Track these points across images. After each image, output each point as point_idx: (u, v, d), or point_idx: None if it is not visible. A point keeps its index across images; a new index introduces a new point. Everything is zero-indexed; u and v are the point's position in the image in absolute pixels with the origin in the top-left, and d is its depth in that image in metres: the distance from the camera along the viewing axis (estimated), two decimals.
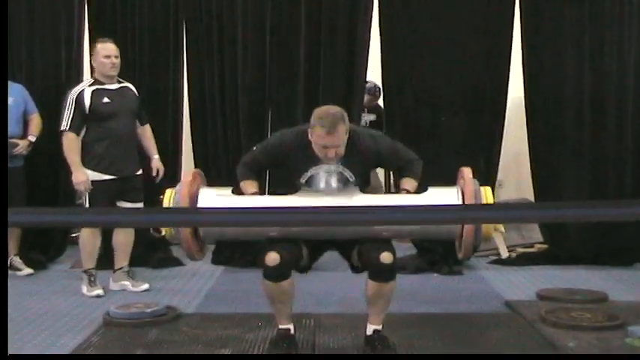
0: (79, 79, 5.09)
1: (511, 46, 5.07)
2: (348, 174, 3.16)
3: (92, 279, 4.35)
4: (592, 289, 4.29)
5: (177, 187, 3.15)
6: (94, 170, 4.22)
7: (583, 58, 5.04)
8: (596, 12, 5.04)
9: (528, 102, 5.13)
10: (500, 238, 5.06)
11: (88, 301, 4.23)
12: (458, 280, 4.78)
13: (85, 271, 4.37)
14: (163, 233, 3.46)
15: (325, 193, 3.13)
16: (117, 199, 4.30)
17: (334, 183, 3.15)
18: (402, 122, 5.10)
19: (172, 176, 4.68)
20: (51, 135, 4.94)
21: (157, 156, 4.51)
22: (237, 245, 5.15)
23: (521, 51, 5.07)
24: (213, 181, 3.65)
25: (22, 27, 5.05)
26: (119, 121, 4.28)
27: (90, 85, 4.27)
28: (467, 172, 3.17)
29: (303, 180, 3.16)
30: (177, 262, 5.16)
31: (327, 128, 3.05)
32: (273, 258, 3.07)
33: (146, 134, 4.50)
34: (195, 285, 4.66)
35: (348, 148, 3.15)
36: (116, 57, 4.31)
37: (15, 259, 4.81)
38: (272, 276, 3.10)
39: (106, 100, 4.25)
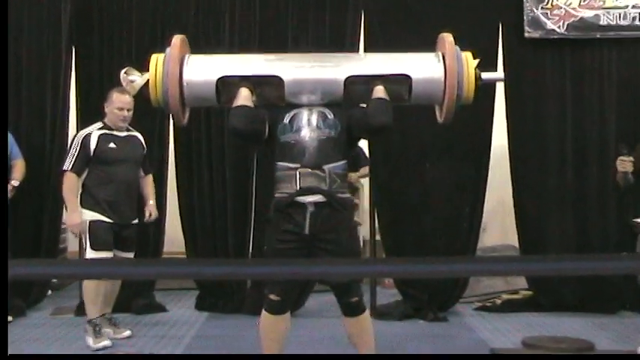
0: (64, 127, 5.12)
1: (494, 92, 5.14)
2: (327, 112, 3.32)
3: (97, 329, 4.19)
4: (578, 338, 4.28)
5: (167, 50, 3.27)
6: (92, 210, 4.18)
7: (565, 108, 5.12)
8: (577, 61, 5.14)
9: (512, 148, 5.18)
10: None
11: (69, 349, 4.15)
12: (443, 327, 4.76)
13: (89, 322, 4.21)
14: (153, 104, 3.38)
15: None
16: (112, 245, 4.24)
17: (314, 120, 3.29)
18: (387, 168, 5.12)
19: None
20: (35, 180, 4.94)
21: (152, 201, 4.49)
22: (221, 291, 5.12)
23: (504, 100, 5.14)
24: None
25: (9, 74, 5.04)
26: (122, 167, 4.27)
27: (98, 129, 4.27)
28: (447, 36, 3.35)
29: (286, 120, 3.30)
30: (161, 308, 5.11)
31: None
32: (276, 294, 3.25)
33: (148, 183, 4.50)
34: (179, 331, 4.60)
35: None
36: (129, 110, 4.30)
37: None
38: (275, 309, 3.26)
39: (112, 145, 4.25)
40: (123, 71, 3.42)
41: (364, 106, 3.36)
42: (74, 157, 4.19)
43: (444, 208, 5.12)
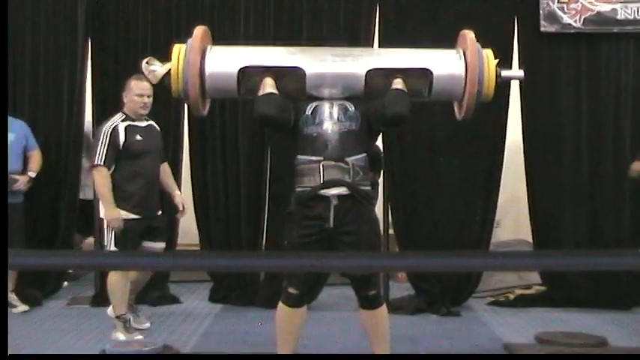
0: (80, 118, 5.15)
1: (509, 87, 5.12)
2: (348, 104, 3.33)
3: (128, 324, 4.13)
4: (591, 333, 4.27)
5: (189, 41, 3.27)
6: (122, 209, 4.08)
7: (580, 103, 5.09)
8: (593, 56, 5.11)
9: (526, 144, 5.16)
10: None
11: (84, 338, 4.20)
12: (456, 322, 4.76)
13: (118, 317, 4.13)
14: (174, 94, 3.37)
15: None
16: (141, 238, 4.18)
17: (336, 113, 3.31)
18: (400, 162, 5.12)
19: None
20: (51, 171, 4.99)
21: (178, 192, 4.43)
22: (235, 283, 5.14)
23: (519, 95, 5.12)
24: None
25: (25, 65, 5.08)
26: (149, 159, 4.18)
27: (122, 121, 4.15)
28: (468, 33, 3.34)
29: (308, 112, 3.31)
30: (175, 300, 5.14)
31: None
32: (295, 287, 3.27)
33: (166, 171, 4.41)
34: (192, 323, 4.63)
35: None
36: (149, 96, 4.18)
37: (11, 296, 4.77)
38: (293, 302, 3.28)
39: (138, 137, 4.15)
40: (145, 61, 3.42)
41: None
42: (104, 150, 4.06)
43: (457, 203, 5.11)
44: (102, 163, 4.07)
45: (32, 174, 4.80)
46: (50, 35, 5.13)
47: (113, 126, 4.12)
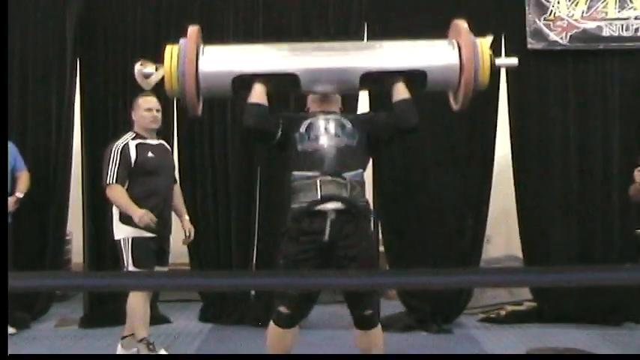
0: (69, 138, 5.13)
1: (497, 104, 5.15)
2: (345, 121, 3.34)
3: (152, 347, 3.95)
4: (583, 350, 4.27)
5: (182, 40, 3.24)
6: (137, 227, 3.92)
7: (568, 119, 5.13)
8: (580, 72, 5.15)
9: (515, 159, 5.19)
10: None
11: None
12: (447, 339, 4.75)
13: (141, 341, 3.95)
14: (168, 94, 3.34)
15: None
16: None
17: (332, 128, 3.30)
18: (390, 178, 5.13)
19: None
20: (40, 191, 4.95)
21: (187, 217, 4.31)
22: (225, 302, 5.11)
23: (507, 110, 5.15)
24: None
25: (13, 85, 5.06)
26: (163, 177, 4.08)
27: (133, 139, 4.07)
28: (461, 23, 3.32)
29: (303, 129, 3.29)
30: (165, 320, 5.10)
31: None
32: (287, 306, 3.22)
33: (177, 193, 4.30)
34: (183, 343, 4.60)
35: (343, 112, 3.49)
36: (158, 110, 4.13)
37: None
38: (284, 322, 3.23)
39: (150, 154, 4.05)
40: (138, 63, 3.39)
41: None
42: (116, 168, 3.95)
43: (447, 219, 5.12)
44: (113, 182, 3.96)
45: (20, 195, 4.77)
46: (39, 55, 5.12)
47: (124, 144, 4.04)
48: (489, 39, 3.37)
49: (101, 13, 5.18)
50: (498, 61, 3.40)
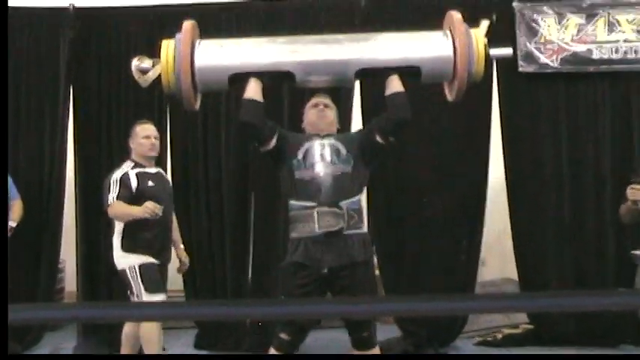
0: (62, 167, 5.10)
1: (490, 126, 5.17)
2: (340, 146, 3.38)
3: None
4: None
5: (178, 35, 3.23)
6: (142, 254, 3.96)
7: (560, 141, 5.15)
8: (571, 95, 5.18)
9: (509, 183, 5.20)
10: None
11: None
12: None
13: None
14: (165, 89, 3.30)
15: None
16: None
17: (328, 155, 3.34)
18: (384, 202, 5.13)
19: None
20: (32, 220, 4.93)
21: (182, 245, 4.34)
22: (220, 330, 5.08)
23: (500, 133, 5.17)
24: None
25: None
26: (163, 206, 4.02)
27: (132, 168, 4.09)
28: (455, 14, 3.29)
29: (300, 155, 3.34)
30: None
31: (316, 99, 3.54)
32: (287, 333, 3.27)
33: (174, 223, 4.33)
34: None
35: (338, 133, 3.56)
36: (155, 138, 4.17)
37: None
38: (284, 348, 3.27)
39: (150, 183, 4.07)
40: (135, 59, 3.39)
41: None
42: (116, 194, 3.95)
43: (442, 243, 5.11)
44: (115, 201, 3.94)
45: (13, 223, 4.74)
46: (32, 82, 5.12)
47: (123, 172, 4.05)
48: (485, 24, 3.37)
49: (94, 40, 5.19)
50: (493, 52, 3.39)
